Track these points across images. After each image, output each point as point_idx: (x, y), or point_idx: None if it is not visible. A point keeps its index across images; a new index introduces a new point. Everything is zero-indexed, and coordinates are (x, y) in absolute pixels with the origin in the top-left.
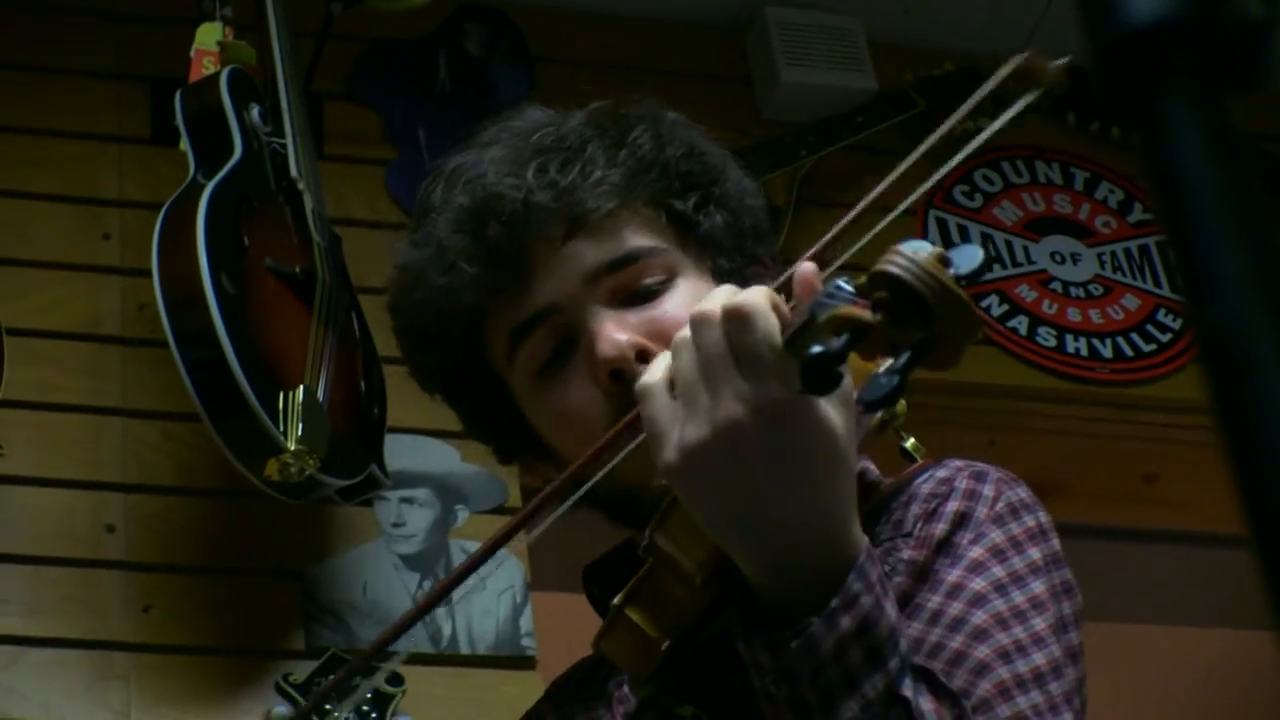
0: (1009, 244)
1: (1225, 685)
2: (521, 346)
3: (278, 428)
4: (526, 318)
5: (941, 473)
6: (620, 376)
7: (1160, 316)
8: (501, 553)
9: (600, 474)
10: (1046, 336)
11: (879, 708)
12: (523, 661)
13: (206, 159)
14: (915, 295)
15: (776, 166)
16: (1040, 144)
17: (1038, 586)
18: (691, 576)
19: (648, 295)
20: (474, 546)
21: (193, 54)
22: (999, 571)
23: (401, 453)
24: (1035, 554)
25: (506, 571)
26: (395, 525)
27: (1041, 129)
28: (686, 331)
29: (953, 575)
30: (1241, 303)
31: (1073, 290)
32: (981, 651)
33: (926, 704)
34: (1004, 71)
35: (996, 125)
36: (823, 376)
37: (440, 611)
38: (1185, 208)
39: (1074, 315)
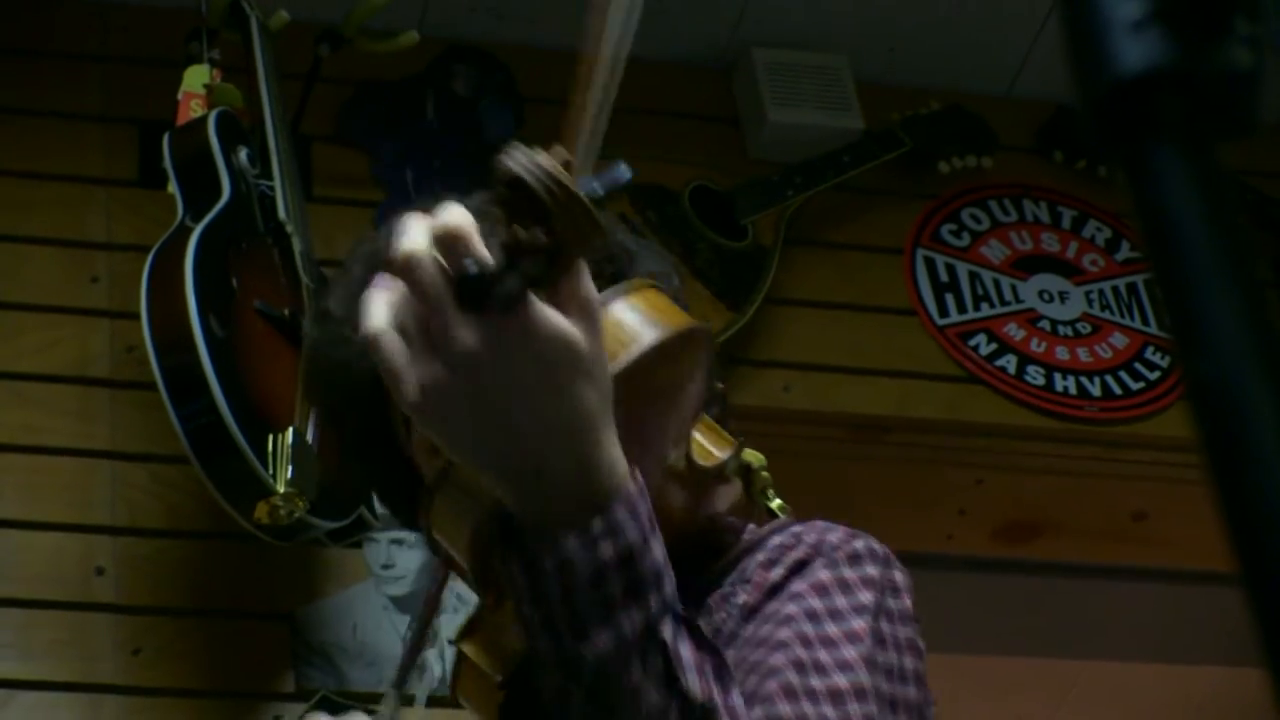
0: (997, 282)
1: None
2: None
3: (267, 470)
4: None
5: (797, 528)
6: None
7: (1149, 354)
8: None
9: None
10: (1035, 375)
11: (635, 645)
12: None
13: (195, 201)
14: (529, 191)
15: (764, 206)
16: (1028, 182)
17: (857, 623)
18: (466, 571)
19: None
20: (463, 588)
21: (180, 96)
22: (815, 603)
23: None
24: (865, 597)
25: None
26: (385, 567)
27: (1029, 167)
28: (398, 274)
29: (770, 607)
30: (1231, 354)
31: (1061, 329)
32: (775, 659)
33: (686, 651)
34: None
35: None
36: (472, 290)
37: (430, 652)
38: (1175, 257)
39: (1062, 354)
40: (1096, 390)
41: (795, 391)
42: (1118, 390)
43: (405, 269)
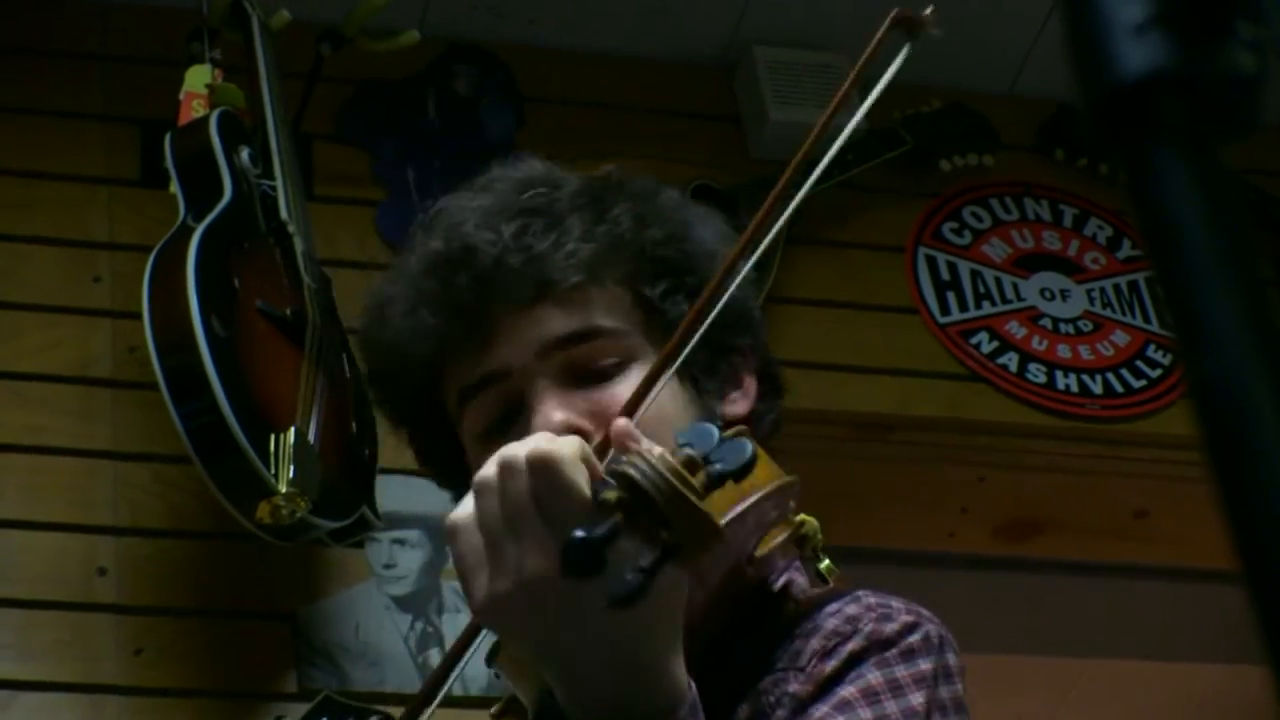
0: (998, 281)
1: None
2: (469, 405)
3: (269, 470)
4: (477, 379)
5: (851, 609)
6: None
7: (1150, 352)
8: None
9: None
10: (1036, 373)
11: None
12: None
13: (196, 201)
14: (649, 501)
15: None
16: (1029, 180)
17: None
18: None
19: (600, 376)
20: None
21: (182, 96)
22: (865, 714)
23: (393, 494)
24: (916, 699)
25: None
26: (387, 566)
27: (1030, 165)
28: (493, 472)
29: (819, 712)
30: (1234, 354)
31: (1062, 326)
32: None
33: None
34: (882, 30)
35: (886, 79)
36: (579, 562)
37: (433, 652)
38: (1177, 258)
39: (1064, 351)
40: (1098, 388)
41: (797, 390)
42: (1119, 388)
43: (503, 470)
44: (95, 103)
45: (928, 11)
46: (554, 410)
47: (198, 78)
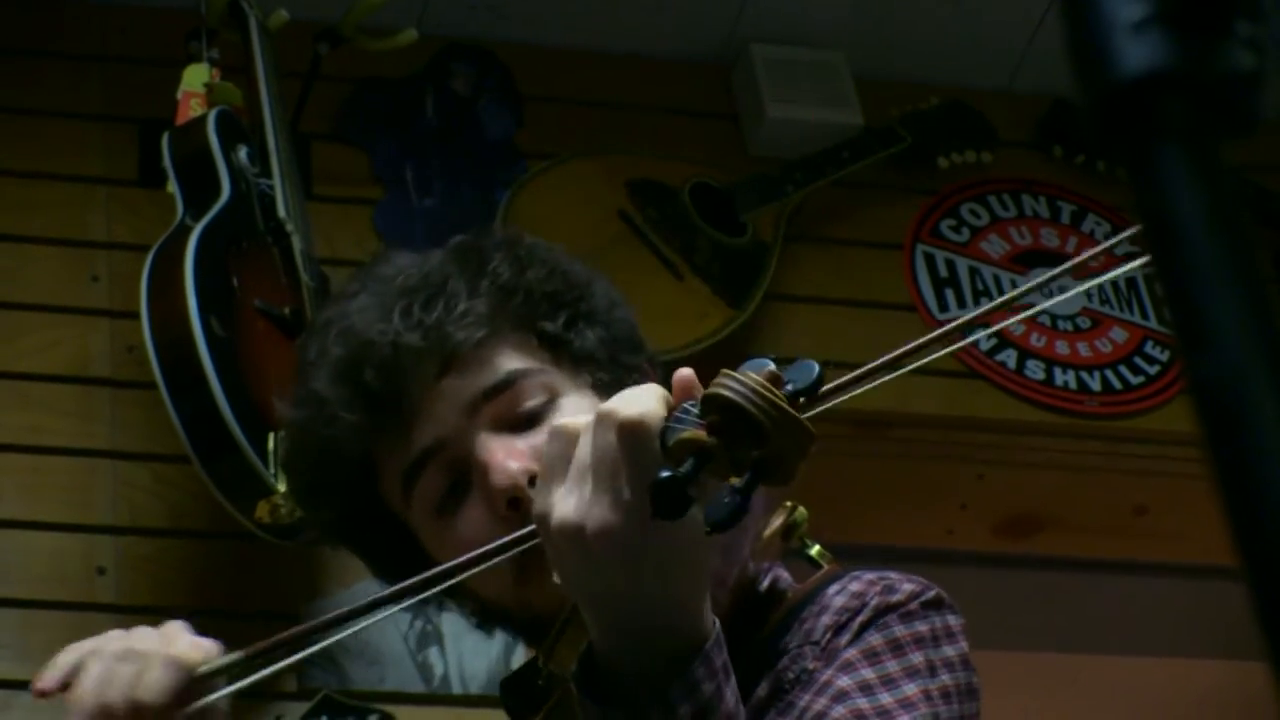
0: (996, 278)
1: (1217, 717)
2: (415, 487)
3: (268, 469)
4: (414, 459)
5: (855, 585)
6: (518, 504)
7: (1149, 349)
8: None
9: (480, 568)
10: (1035, 370)
11: None
12: None
13: (194, 201)
14: (747, 416)
15: (764, 202)
16: (1027, 177)
17: (910, 689)
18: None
19: (532, 418)
20: None
21: (180, 96)
22: (868, 673)
23: None
24: (917, 658)
25: None
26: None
27: (1028, 162)
28: (591, 418)
29: (824, 675)
30: (1236, 353)
31: (1061, 323)
32: None
33: None
34: None
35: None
36: (669, 502)
37: (432, 650)
38: (1179, 257)
39: (1062, 348)
40: (1097, 385)
41: None
42: (1118, 385)
43: (599, 421)
44: (94, 102)
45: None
46: (505, 459)
47: (196, 77)
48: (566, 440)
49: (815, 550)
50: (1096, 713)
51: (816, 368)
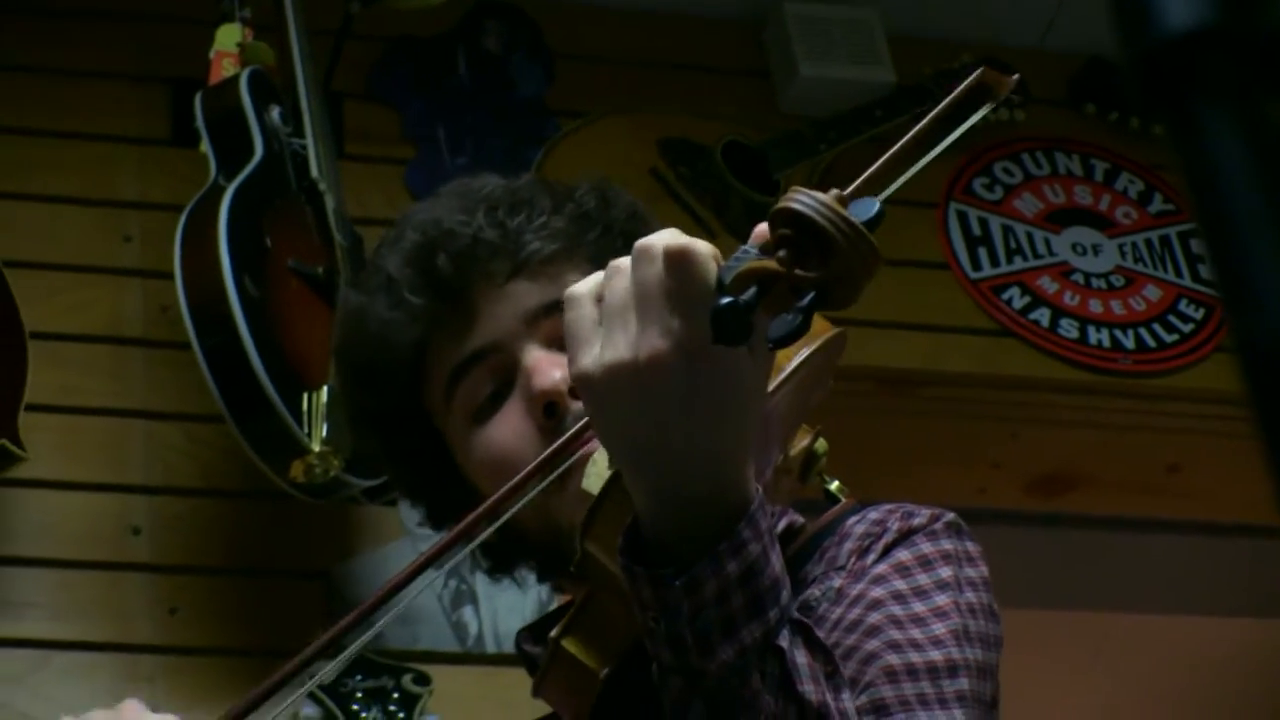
0: (1030, 236)
1: (1248, 673)
2: (460, 385)
3: (302, 428)
4: (466, 356)
5: (874, 514)
6: (555, 410)
7: (1182, 307)
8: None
9: (530, 495)
10: (1069, 328)
11: (754, 655)
12: None
13: (227, 161)
14: (817, 229)
15: (796, 160)
16: (1060, 135)
17: (941, 599)
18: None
19: None
20: None
21: (212, 55)
22: (900, 584)
23: None
24: (945, 572)
25: None
26: (420, 525)
27: (1061, 120)
28: (625, 259)
29: (856, 589)
30: None
31: (1094, 281)
32: (871, 644)
33: (801, 657)
34: (964, 86)
35: (950, 139)
36: (732, 327)
37: (467, 609)
38: (1223, 215)
39: (1096, 306)
40: (1130, 343)
41: None
42: (1151, 343)
43: (637, 255)
44: (126, 62)
45: (1014, 76)
46: (552, 368)
47: (228, 36)
48: (588, 297)
49: (835, 486)
50: (1128, 670)
51: (877, 204)
